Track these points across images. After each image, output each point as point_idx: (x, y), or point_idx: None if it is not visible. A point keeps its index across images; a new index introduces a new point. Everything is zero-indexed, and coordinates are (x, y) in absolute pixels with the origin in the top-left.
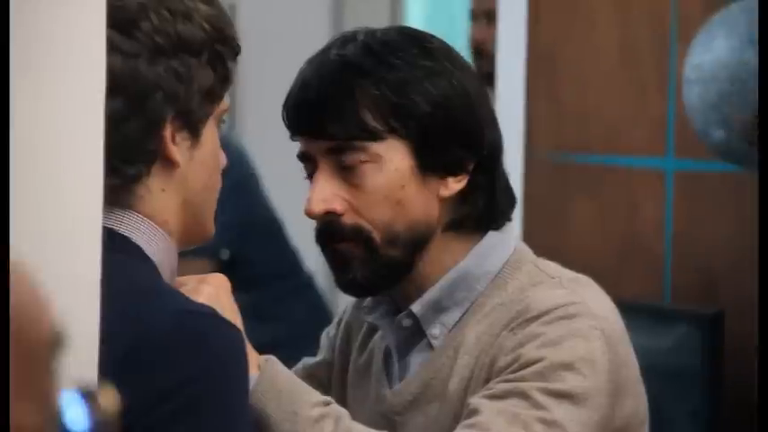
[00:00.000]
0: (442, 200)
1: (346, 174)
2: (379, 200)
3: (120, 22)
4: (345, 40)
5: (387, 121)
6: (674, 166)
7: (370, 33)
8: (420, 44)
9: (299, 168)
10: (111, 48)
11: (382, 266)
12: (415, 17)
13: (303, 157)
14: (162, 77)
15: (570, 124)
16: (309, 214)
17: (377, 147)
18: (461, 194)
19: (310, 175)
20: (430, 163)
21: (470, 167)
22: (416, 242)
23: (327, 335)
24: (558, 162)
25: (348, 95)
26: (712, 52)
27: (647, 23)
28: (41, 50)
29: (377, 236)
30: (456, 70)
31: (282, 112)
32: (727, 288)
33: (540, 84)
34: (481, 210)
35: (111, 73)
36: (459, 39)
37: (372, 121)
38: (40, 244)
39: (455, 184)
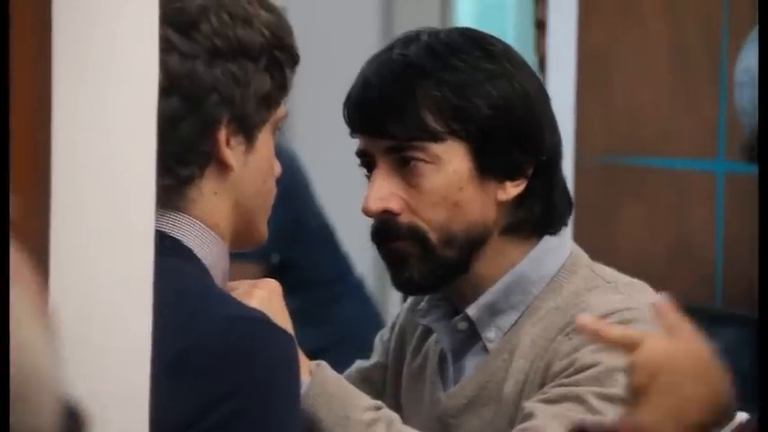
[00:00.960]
0: (500, 203)
1: (404, 173)
2: (436, 201)
3: (179, 23)
4: (408, 39)
5: (447, 122)
6: (725, 168)
7: (433, 34)
8: (482, 46)
9: (350, 173)
10: (170, 48)
11: (438, 266)
12: (465, 19)
13: (362, 154)
14: (218, 80)
15: (620, 126)
16: (367, 212)
17: (436, 148)
18: (519, 198)
19: (368, 174)
20: (489, 166)
21: (529, 172)
22: (472, 244)
23: (381, 338)
24: (607, 164)
25: (409, 95)
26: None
27: (699, 25)
28: (91, 49)
29: (433, 236)
30: (517, 73)
31: (343, 109)
32: None
33: (590, 86)
34: (538, 215)
35: (168, 72)
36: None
37: (433, 122)
38: (89, 247)
39: (513, 189)
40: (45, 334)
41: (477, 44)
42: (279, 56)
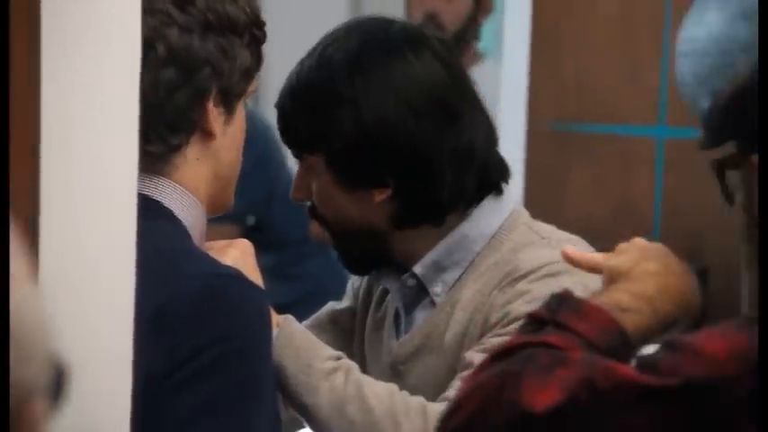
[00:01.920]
0: (378, 203)
1: (308, 172)
2: (322, 200)
3: None
4: (306, 58)
5: (313, 139)
6: (665, 134)
7: (320, 52)
8: (353, 69)
9: None
10: (170, 21)
11: (354, 255)
12: None
13: None
14: (211, 53)
15: (569, 96)
16: (291, 198)
17: (311, 159)
18: (394, 200)
19: None
20: (346, 179)
21: (391, 182)
22: (371, 236)
23: (352, 284)
24: (557, 131)
25: (290, 113)
26: (704, 26)
27: None
28: (76, 25)
29: (334, 229)
30: (375, 102)
31: None
32: (713, 247)
33: (541, 59)
34: (419, 209)
35: (168, 44)
36: None
37: (305, 136)
38: (74, 208)
39: (379, 195)
40: (36, 292)
41: (350, 67)
42: (257, 32)
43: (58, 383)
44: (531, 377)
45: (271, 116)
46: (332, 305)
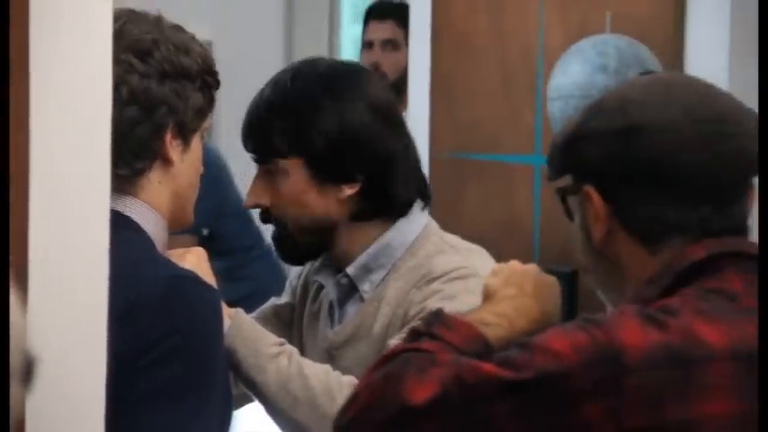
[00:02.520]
0: (340, 200)
1: (270, 178)
2: (288, 200)
3: (137, 51)
4: (276, 81)
5: (289, 145)
6: (541, 161)
7: (295, 76)
8: (329, 86)
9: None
10: (131, 69)
11: (299, 247)
12: (346, 48)
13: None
14: (167, 95)
15: (463, 130)
16: (244, 206)
17: (284, 163)
18: (356, 196)
19: None
20: (322, 177)
21: (360, 178)
22: (323, 231)
23: (290, 284)
24: (454, 159)
25: (264, 125)
26: (569, 76)
27: (520, 54)
28: (59, 71)
29: (289, 225)
30: (351, 107)
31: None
32: None
33: (440, 100)
34: (377, 205)
35: (129, 88)
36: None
37: (279, 145)
38: (58, 223)
39: (348, 190)
40: (10, 294)
41: (325, 84)
42: (208, 79)
43: (28, 370)
44: (410, 376)
45: (222, 144)
46: (273, 301)
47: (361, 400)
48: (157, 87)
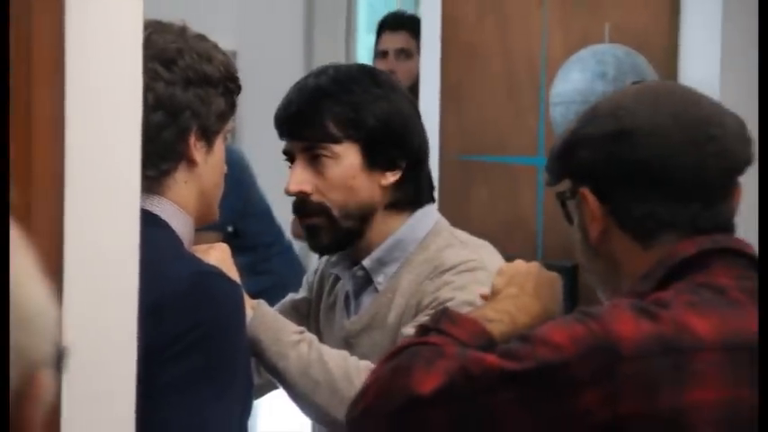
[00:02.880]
0: (383, 187)
1: (315, 166)
2: (336, 185)
3: (163, 60)
4: (320, 72)
5: (344, 130)
6: (544, 163)
7: (338, 68)
8: (371, 77)
9: (281, 168)
10: (157, 77)
11: (340, 233)
12: (362, 56)
13: (286, 152)
14: (191, 101)
15: (471, 134)
16: (288, 192)
17: (336, 147)
18: (396, 184)
19: (291, 166)
20: (374, 161)
21: (403, 165)
22: (364, 216)
23: (307, 279)
24: (462, 161)
25: (317, 110)
26: (570, 83)
27: (524, 63)
28: (93, 79)
29: (335, 211)
30: (395, 97)
31: (274, 120)
32: None
33: (449, 106)
34: (411, 195)
35: (155, 95)
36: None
37: (334, 130)
38: (92, 221)
39: (392, 177)
40: (41, 285)
41: (368, 75)
42: (230, 85)
43: (59, 359)
44: (418, 368)
45: (246, 147)
46: (291, 296)
47: (372, 391)
48: (182, 93)
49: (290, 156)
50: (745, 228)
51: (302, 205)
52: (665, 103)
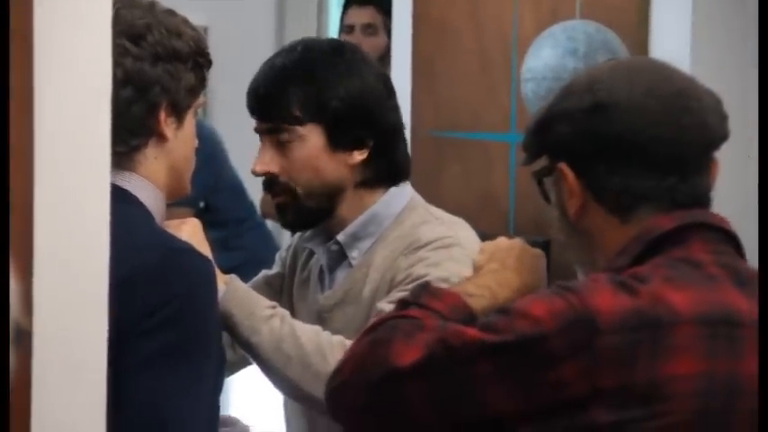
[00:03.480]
0: (350, 166)
1: (280, 146)
2: (301, 166)
3: (131, 35)
4: (289, 50)
5: (307, 111)
6: (516, 139)
7: (307, 46)
8: (340, 54)
9: (253, 143)
10: (125, 53)
11: (306, 212)
12: (333, 32)
13: (256, 131)
14: (160, 76)
15: (443, 110)
16: (254, 173)
17: (300, 129)
18: (365, 162)
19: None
20: (338, 142)
21: (370, 144)
22: (331, 195)
23: (280, 255)
24: (434, 137)
25: (282, 92)
26: (541, 59)
27: (496, 39)
28: (61, 55)
29: (300, 191)
30: (364, 74)
31: (246, 99)
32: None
33: (421, 82)
34: (382, 172)
35: (124, 70)
36: None
37: (297, 112)
38: (63, 197)
39: (359, 156)
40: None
41: (337, 53)
42: (200, 60)
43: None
44: (397, 340)
45: (217, 123)
46: (264, 272)
47: (351, 364)
48: (150, 69)
49: (259, 134)
50: (746, 228)
51: (270, 184)
52: (640, 76)
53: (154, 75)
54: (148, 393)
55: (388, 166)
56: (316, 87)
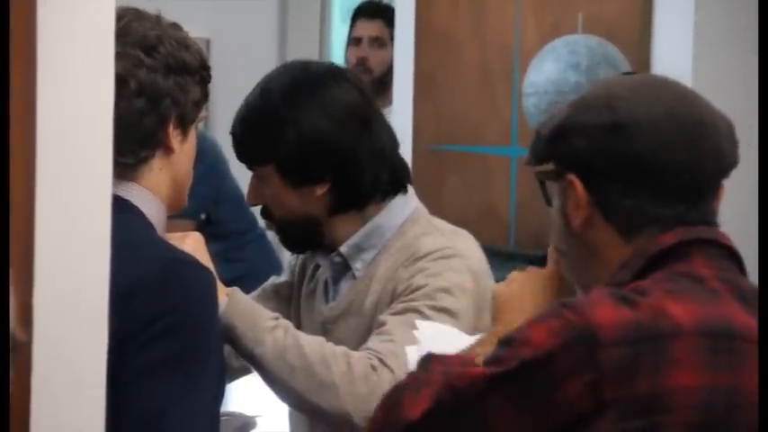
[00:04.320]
0: (317, 197)
1: (258, 181)
2: (272, 202)
3: (144, 46)
4: (256, 86)
5: (261, 154)
6: (517, 152)
7: (264, 87)
8: (297, 92)
9: None
10: (140, 63)
11: (295, 239)
12: (336, 46)
13: None
14: (171, 88)
15: (444, 124)
16: (247, 203)
17: (260, 169)
18: (331, 192)
19: None
20: (294, 180)
21: (328, 177)
22: (307, 225)
23: (290, 264)
24: (436, 150)
25: (242, 135)
26: (543, 74)
27: (498, 53)
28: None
29: (281, 223)
30: (318, 112)
31: None
32: None
33: (423, 96)
34: (349, 198)
35: (138, 81)
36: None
37: (254, 154)
38: (64, 207)
39: (319, 189)
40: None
41: (295, 89)
42: (204, 74)
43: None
44: (405, 398)
45: (219, 136)
46: (274, 279)
47: (373, 429)
48: (163, 81)
49: None
50: (746, 228)
51: (263, 212)
52: (660, 96)
53: (166, 87)
54: (148, 403)
55: (353, 194)
56: (264, 133)
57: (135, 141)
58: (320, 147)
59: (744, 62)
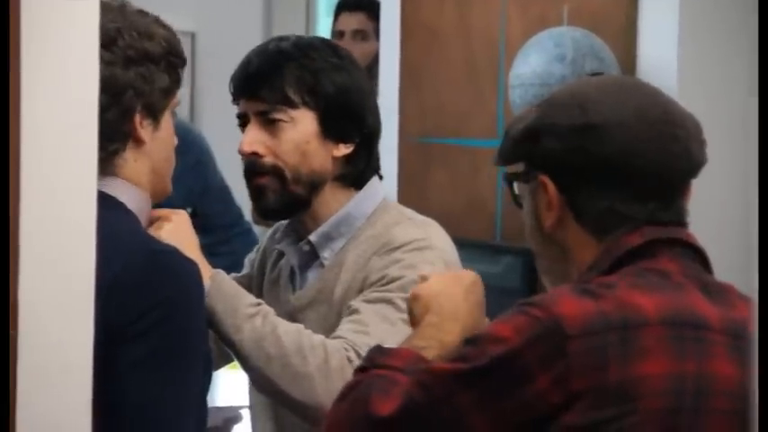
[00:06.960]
0: (335, 158)
1: (270, 128)
2: (291, 148)
3: (102, 40)
4: (281, 38)
5: (302, 95)
6: None
7: (300, 36)
8: (333, 49)
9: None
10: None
11: (288, 198)
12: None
13: (240, 116)
14: (133, 80)
15: (430, 116)
16: (240, 152)
17: (293, 112)
18: (347, 157)
19: (243, 128)
20: (328, 130)
21: (356, 139)
22: (314, 184)
23: (249, 258)
24: (422, 143)
25: (278, 73)
26: (528, 65)
27: (483, 46)
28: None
29: (287, 173)
30: (354, 70)
31: (230, 83)
32: None
33: (409, 89)
34: (360, 170)
35: None
36: None
37: (292, 94)
38: (49, 203)
39: (345, 149)
40: None
41: (328, 47)
42: (173, 60)
43: None
44: (374, 395)
45: (205, 128)
46: (234, 274)
47: (334, 429)
48: (122, 73)
49: (244, 119)
50: (746, 228)
51: (253, 166)
52: (630, 98)
53: (126, 79)
54: (138, 395)
55: (365, 166)
56: (311, 73)
57: (102, 135)
58: (363, 102)
59: (728, 54)
